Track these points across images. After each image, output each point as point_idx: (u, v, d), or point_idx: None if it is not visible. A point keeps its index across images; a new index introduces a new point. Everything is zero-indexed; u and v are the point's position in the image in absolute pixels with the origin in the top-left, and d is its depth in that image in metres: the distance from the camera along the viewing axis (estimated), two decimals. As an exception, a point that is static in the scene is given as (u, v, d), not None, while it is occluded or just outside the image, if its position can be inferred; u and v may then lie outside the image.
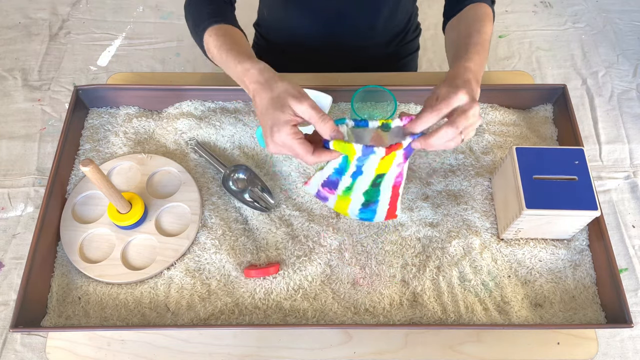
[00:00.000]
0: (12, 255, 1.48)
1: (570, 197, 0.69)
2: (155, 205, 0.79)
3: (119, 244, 0.75)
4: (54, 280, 0.74)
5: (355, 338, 0.73)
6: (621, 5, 2.09)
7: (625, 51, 1.94)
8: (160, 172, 0.83)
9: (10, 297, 1.42)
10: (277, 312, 0.72)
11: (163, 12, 2.03)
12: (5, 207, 1.56)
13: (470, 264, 0.75)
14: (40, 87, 1.81)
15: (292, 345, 0.73)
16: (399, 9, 0.99)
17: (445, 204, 0.80)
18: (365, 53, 1.05)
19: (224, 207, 0.80)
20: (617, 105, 1.79)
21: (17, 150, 1.66)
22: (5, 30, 1.96)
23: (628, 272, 1.48)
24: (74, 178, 0.83)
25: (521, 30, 2.01)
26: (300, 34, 1.01)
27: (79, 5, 2.04)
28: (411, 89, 0.89)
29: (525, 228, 0.73)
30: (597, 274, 0.75)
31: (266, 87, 0.61)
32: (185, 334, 0.73)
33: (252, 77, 0.63)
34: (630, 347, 1.38)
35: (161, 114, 0.90)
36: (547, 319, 0.72)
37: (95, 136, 0.88)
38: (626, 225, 1.55)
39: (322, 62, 1.03)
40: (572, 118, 0.84)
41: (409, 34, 1.09)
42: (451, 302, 0.72)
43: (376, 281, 0.74)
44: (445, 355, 0.72)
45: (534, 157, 0.72)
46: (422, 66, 1.84)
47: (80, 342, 0.72)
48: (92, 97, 0.89)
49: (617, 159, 1.67)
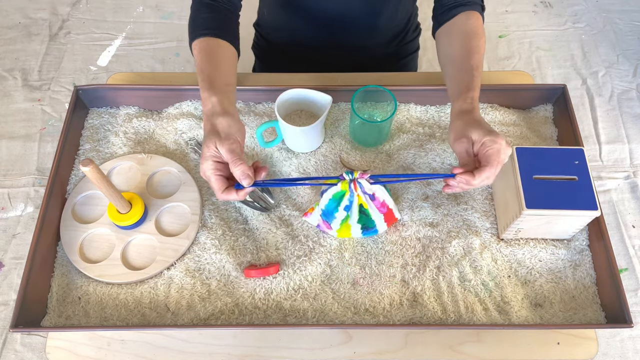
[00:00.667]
0: (12, 255, 1.48)
1: (570, 197, 0.69)
2: (155, 205, 0.79)
3: (119, 244, 0.75)
4: (54, 280, 0.74)
5: (355, 338, 0.73)
6: (621, 5, 2.09)
7: (625, 51, 1.94)
8: (160, 172, 0.83)
9: (10, 297, 1.42)
10: (277, 312, 0.72)
11: (163, 12, 2.03)
12: (5, 207, 1.56)
13: (470, 264, 0.75)
14: (40, 87, 1.81)
15: (292, 345, 0.73)
16: (399, 9, 0.99)
17: (445, 204, 0.80)
18: (365, 53, 1.04)
19: (224, 207, 0.80)
20: (617, 105, 1.79)
21: (17, 150, 1.66)
22: (5, 30, 1.96)
23: (628, 272, 1.48)
24: (74, 178, 0.83)
25: (521, 30, 2.01)
26: (300, 34, 1.01)
27: (79, 5, 2.04)
28: (411, 89, 0.89)
29: (525, 228, 0.73)
30: (597, 274, 0.75)
31: (208, 120, 0.68)
32: (185, 334, 0.73)
33: (205, 106, 0.69)
34: (630, 347, 1.38)
35: (161, 114, 0.90)
36: (547, 319, 0.72)
37: (95, 136, 0.88)
38: (626, 225, 1.55)
39: (322, 62, 1.03)
40: (572, 118, 0.84)
41: (409, 34, 1.09)
42: (451, 302, 0.72)
43: (376, 281, 0.74)
44: (445, 355, 0.72)
45: (534, 157, 0.72)
46: (422, 66, 1.84)
47: (80, 342, 0.72)
48: (92, 97, 0.89)
49: (617, 159, 1.67)
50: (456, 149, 0.68)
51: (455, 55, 0.77)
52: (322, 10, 0.94)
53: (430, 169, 0.84)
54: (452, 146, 0.69)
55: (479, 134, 0.65)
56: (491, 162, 0.64)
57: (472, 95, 0.71)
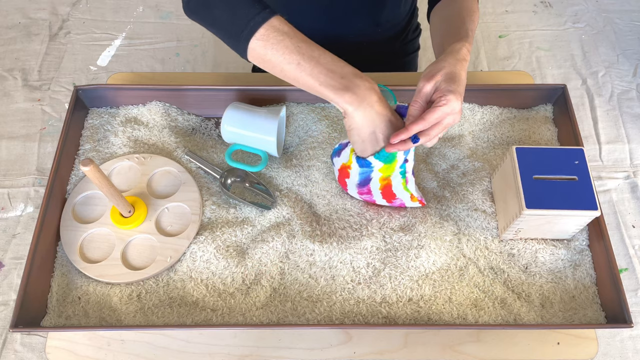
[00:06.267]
0: (12, 255, 1.48)
1: (570, 197, 0.69)
2: (155, 205, 0.79)
3: (119, 244, 0.75)
4: (54, 280, 0.74)
5: (355, 338, 0.73)
6: (621, 5, 2.09)
7: (625, 51, 1.94)
8: (160, 172, 0.83)
9: (10, 297, 1.42)
10: (278, 312, 0.72)
11: (163, 12, 2.03)
12: (5, 207, 1.56)
13: (471, 264, 0.75)
14: (40, 87, 1.81)
15: (292, 345, 0.73)
16: (400, 9, 0.99)
17: (444, 204, 0.80)
18: (365, 52, 1.04)
19: (224, 206, 0.80)
20: (617, 105, 1.79)
21: (17, 150, 1.66)
22: (5, 30, 1.95)
23: (628, 272, 1.48)
24: (74, 178, 0.83)
25: (521, 30, 2.01)
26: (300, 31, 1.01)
27: (79, 5, 2.04)
28: (411, 89, 0.89)
29: (525, 228, 0.73)
30: (597, 274, 0.75)
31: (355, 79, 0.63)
32: (185, 334, 0.73)
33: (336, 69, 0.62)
34: (630, 347, 1.38)
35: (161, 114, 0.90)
36: (547, 319, 0.72)
37: (95, 136, 0.88)
38: (626, 225, 1.55)
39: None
40: (572, 118, 0.84)
41: (409, 33, 1.09)
42: (450, 302, 0.72)
43: (376, 281, 0.74)
44: (445, 355, 0.72)
45: (534, 157, 0.72)
46: (422, 66, 1.84)
47: (80, 342, 0.72)
48: (92, 97, 0.89)
49: (617, 159, 1.67)
50: (418, 85, 0.65)
51: (452, 19, 0.76)
52: (322, 9, 0.94)
53: (431, 169, 0.84)
54: (421, 78, 0.66)
55: (445, 85, 0.63)
56: (429, 116, 0.61)
57: (467, 46, 0.68)
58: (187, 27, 1.98)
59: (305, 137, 0.87)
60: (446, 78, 0.63)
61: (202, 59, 1.90)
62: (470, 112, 0.90)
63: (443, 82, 0.63)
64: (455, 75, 0.64)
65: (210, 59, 1.90)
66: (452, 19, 0.77)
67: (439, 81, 0.64)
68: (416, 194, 0.76)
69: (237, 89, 0.88)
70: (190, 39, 1.95)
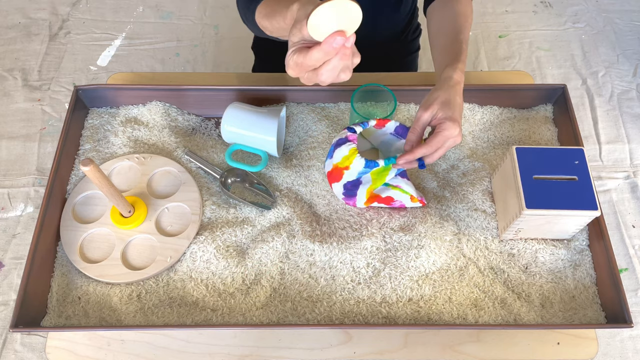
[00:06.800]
0: (12, 255, 1.48)
1: (570, 197, 0.69)
2: (155, 205, 0.79)
3: (119, 244, 0.75)
4: (54, 280, 0.74)
5: (355, 338, 0.73)
6: (621, 5, 2.09)
7: (625, 51, 1.94)
8: (160, 172, 0.83)
9: (10, 297, 1.42)
10: (278, 312, 0.72)
11: (163, 12, 2.03)
12: (5, 207, 1.56)
13: (471, 264, 0.75)
14: (40, 87, 1.81)
15: (292, 345, 0.73)
16: (400, 10, 0.99)
17: (444, 204, 0.80)
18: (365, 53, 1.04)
19: (224, 206, 0.80)
20: (617, 105, 1.79)
21: (17, 150, 1.66)
22: (5, 30, 1.95)
23: (628, 272, 1.48)
24: (74, 178, 0.83)
25: (521, 30, 2.01)
26: None
27: (79, 5, 2.04)
28: (411, 89, 0.89)
29: (525, 228, 0.73)
30: (597, 274, 0.75)
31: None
32: (185, 334, 0.73)
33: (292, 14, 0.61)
34: (630, 347, 1.38)
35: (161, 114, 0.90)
36: (547, 319, 0.72)
37: (95, 136, 0.88)
38: (626, 225, 1.55)
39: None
40: (572, 118, 0.84)
41: (409, 34, 1.09)
42: (451, 302, 0.72)
43: (376, 281, 0.74)
44: (445, 355, 0.72)
45: (534, 157, 0.72)
46: (422, 66, 1.84)
47: (80, 342, 0.72)
48: (92, 97, 0.89)
49: (617, 159, 1.67)
50: (417, 114, 0.72)
51: (447, 29, 0.81)
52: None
53: (431, 169, 0.84)
54: (419, 108, 0.72)
55: (442, 114, 0.70)
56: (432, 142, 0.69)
57: (460, 67, 0.75)
58: (187, 27, 1.98)
59: (305, 137, 0.87)
60: (442, 106, 0.70)
61: (202, 59, 1.90)
62: (470, 112, 0.90)
63: (440, 110, 0.70)
64: (450, 101, 0.70)
65: (210, 59, 1.90)
66: (447, 30, 0.81)
67: (436, 110, 0.70)
68: (416, 195, 0.76)
69: (237, 89, 0.88)
70: (190, 39, 1.95)
